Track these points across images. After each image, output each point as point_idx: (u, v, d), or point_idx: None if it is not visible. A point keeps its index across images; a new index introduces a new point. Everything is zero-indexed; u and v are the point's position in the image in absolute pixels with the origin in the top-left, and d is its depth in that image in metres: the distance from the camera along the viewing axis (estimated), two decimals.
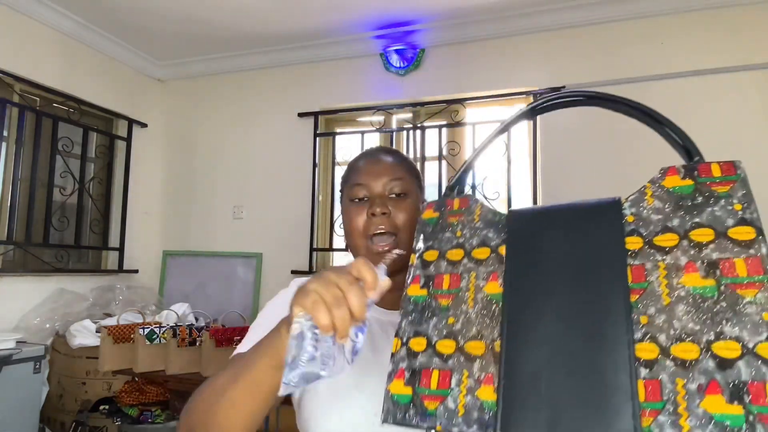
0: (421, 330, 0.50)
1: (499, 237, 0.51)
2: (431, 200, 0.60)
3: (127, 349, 2.11)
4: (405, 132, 2.97)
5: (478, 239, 0.53)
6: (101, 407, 2.44)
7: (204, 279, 3.27)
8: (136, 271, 3.27)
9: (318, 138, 3.12)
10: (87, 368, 2.47)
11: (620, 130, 2.32)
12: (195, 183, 3.43)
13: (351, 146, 3.07)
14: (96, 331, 2.45)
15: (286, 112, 3.20)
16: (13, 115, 2.67)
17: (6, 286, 2.54)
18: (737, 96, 2.36)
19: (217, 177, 3.36)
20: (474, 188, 2.74)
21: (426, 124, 2.93)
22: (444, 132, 2.89)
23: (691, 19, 2.47)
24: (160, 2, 2.68)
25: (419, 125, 2.94)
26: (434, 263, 0.54)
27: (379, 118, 3.04)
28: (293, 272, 3.00)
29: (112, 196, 3.23)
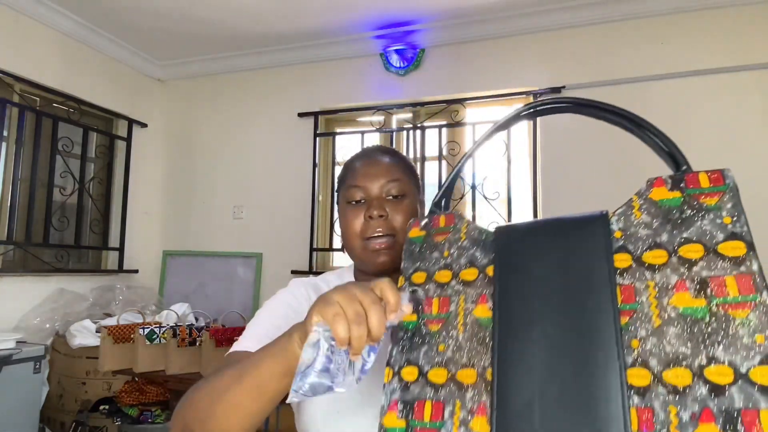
0: (412, 358, 0.50)
1: (487, 257, 0.51)
2: (416, 218, 0.59)
3: (127, 349, 2.11)
4: (405, 132, 2.97)
5: (466, 259, 0.52)
6: (101, 407, 2.44)
7: (204, 279, 3.27)
8: (136, 271, 3.27)
9: (318, 138, 3.12)
10: (87, 368, 2.47)
11: (620, 130, 2.31)
12: (195, 183, 3.43)
13: (351, 146, 3.08)
14: (96, 331, 2.45)
15: (286, 112, 3.20)
16: (13, 115, 2.67)
17: (6, 286, 2.54)
18: (737, 96, 2.36)
19: (217, 177, 3.36)
20: (474, 188, 2.74)
21: (426, 124, 2.93)
22: (444, 132, 2.89)
23: (691, 19, 2.46)
24: (160, 2, 2.68)
25: (419, 125, 2.94)
26: (422, 286, 0.53)
27: (379, 118, 3.04)
28: (293, 272, 3.00)
29: (112, 196, 3.23)
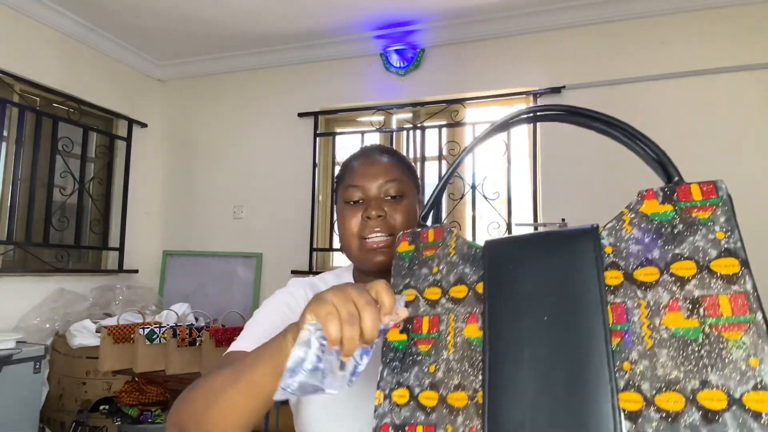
0: (403, 380, 0.49)
1: (476, 273, 0.50)
2: (405, 231, 0.59)
3: (127, 349, 2.11)
4: (405, 132, 2.97)
5: (455, 276, 0.51)
6: (101, 407, 2.44)
7: (204, 279, 3.27)
8: (136, 271, 3.27)
9: (318, 138, 3.12)
10: (87, 368, 2.47)
11: None
12: (195, 183, 3.43)
13: (351, 146, 3.07)
14: (96, 331, 2.45)
15: (286, 112, 3.20)
16: (13, 115, 2.67)
17: (6, 286, 2.54)
18: (737, 96, 2.36)
19: (217, 177, 3.36)
20: (474, 188, 2.74)
21: (426, 124, 2.93)
22: (444, 132, 2.89)
23: (691, 19, 2.46)
24: (160, 2, 2.68)
25: (419, 125, 2.94)
26: (412, 304, 0.53)
27: (379, 118, 3.04)
28: (293, 272, 3.00)
29: (112, 196, 3.23)
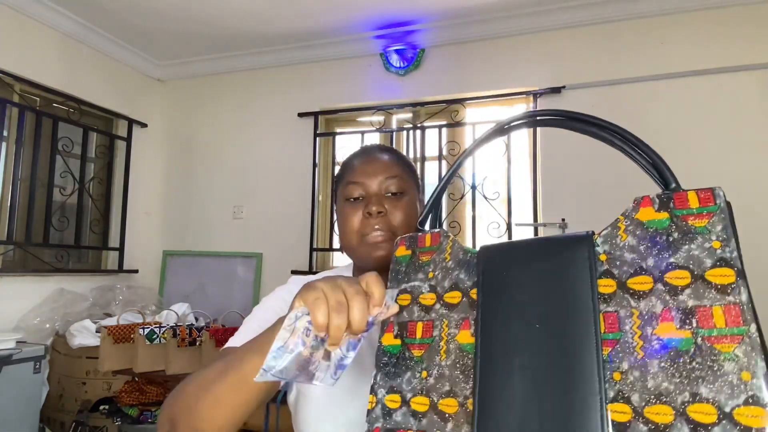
0: (396, 385, 0.50)
1: (471, 279, 0.50)
2: (403, 236, 0.59)
3: (127, 349, 2.11)
4: (405, 132, 2.97)
5: (450, 281, 0.52)
6: (101, 407, 2.43)
7: (204, 279, 3.27)
8: (136, 271, 3.27)
9: (318, 138, 3.12)
10: (87, 368, 2.47)
11: None
12: (195, 183, 3.43)
13: (351, 146, 3.07)
14: (96, 331, 2.45)
15: (286, 112, 3.20)
16: (13, 115, 2.67)
17: (6, 286, 2.54)
18: (737, 96, 2.36)
19: (217, 177, 3.36)
20: (474, 188, 2.74)
21: (426, 124, 2.93)
22: (444, 132, 2.89)
23: (691, 19, 2.46)
24: (160, 2, 2.68)
25: (419, 125, 2.94)
26: (407, 309, 0.53)
27: (379, 118, 3.04)
28: (293, 272, 3.00)
29: (112, 196, 3.23)
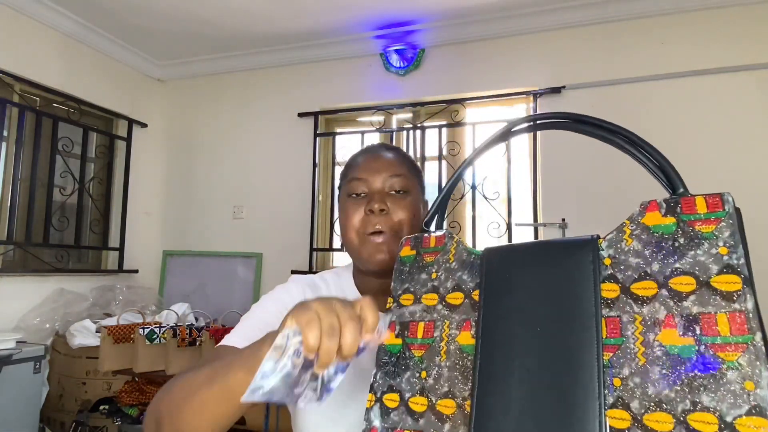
0: (395, 384, 0.50)
1: (473, 280, 0.50)
2: (408, 236, 0.59)
3: (127, 349, 2.11)
4: (405, 132, 2.97)
5: (453, 282, 0.51)
6: (101, 407, 2.44)
7: (204, 279, 3.27)
8: (136, 271, 3.27)
9: (318, 138, 3.12)
10: (87, 368, 2.47)
11: None
12: (195, 183, 3.43)
13: (351, 146, 3.08)
14: (96, 331, 2.45)
15: (286, 112, 3.20)
16: (13, 115, 2.67)
17: (6, 286, 2.54)
18: (737, 96, 2.36)
19: (217, 177, 3.36)
20: (474, 188, 2.74)
21: (426, 124, 2.93)
22: (444, 132, 2.89)
23: (691, 19, 2.46)
24: (160, 2, 2.68)
25: (419, 125, 2.94)
26: (409, 308, 0.53)
27: (379, 118, 3.04)
28: (293, 272, 3.00)
29: (112, 196, 3.22)
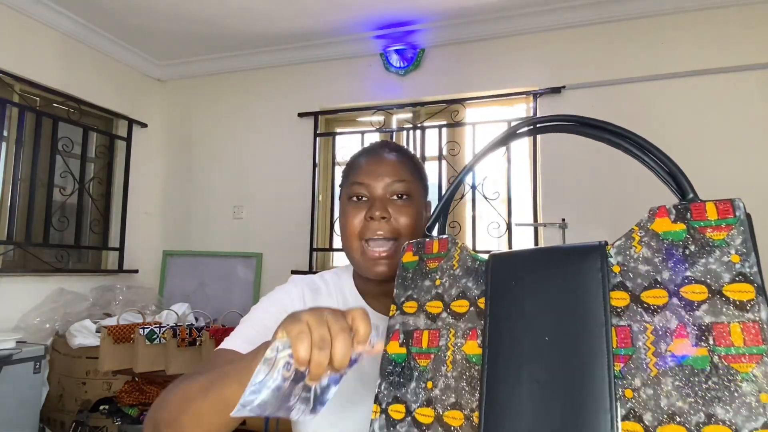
0: (400, 395, 0.49)
1: (479, 288, 0.49)
2: (411, 241, 0.58)
3: (127, 349, 2.11)
4: (405, 132, 2.97)
5: (457, 290, 0.50)
6: (101, 407, 2.43)
7: (204, 279, 3.27)
8: (136, 271, 3.27)
9: (318, 138, 3.12)
10: (87, 368, 2.47)
11: None
12: (195, 183, 3.43)
13: (351, 146, 3.08)
14: (96, 331, 2.45)
15: (286, 112, 3.20)
16: (13, 115, 2.67)
17: (6, 286, 2.54)
18: (737, 96, 2.36)
19: (217, 177, 3.36)
20: (474, 188, 2.74)
21: (426, 124, 2.93)
22: (444, 132, 2.89)
23: (691, 19, 2.46)
24: (160, 2, 2.68)
25: (419, 125, 2.94)
26: (413, 316, 0.52)
27: (379, 118, 3.04)
28: (293, 272, 3.00)
29: (112, 196, 3.22)
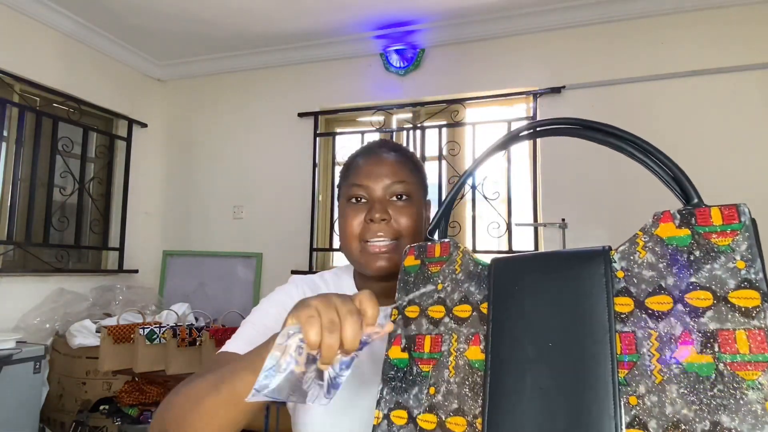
0: (402, 401, 0.49)
1: (481, 292, 0.49)
2: (412, 245, 0.58)
3: (127, 349, 2.11)
4: (405, 132, 2.97)
5: (460, 294, 0.50)
6: (101, 407, 2.44)
7: (204, 279, 3.27)
8: (136, 271, 3.27)
9: (318, 138, 3.12)
10: (87, 368, 2.47)
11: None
12: (195, 183, 3.42)
13: (351, 146, 3.07)
14: (96, 331, 2.45)
15: (286, 112, 3.20)
16: (13, 115, 2.67)
17: (6, 286, 2.54)
18: (737, 96, 2.36)
19: (217, 177, 3.36)
20: (474, 188, 2.74)
21: (426, 124, 2.93)
22: (444, 132, 2.89)
23: (691, 19, 2.46)
24: (160, 2, 2.68)
25: (419, 125, 2.94)
26: (415, 321, 0.52)
27: (379, 118, 3.04)
28: (293, 272, 3.00)
29: (112, 196, 3.22)
